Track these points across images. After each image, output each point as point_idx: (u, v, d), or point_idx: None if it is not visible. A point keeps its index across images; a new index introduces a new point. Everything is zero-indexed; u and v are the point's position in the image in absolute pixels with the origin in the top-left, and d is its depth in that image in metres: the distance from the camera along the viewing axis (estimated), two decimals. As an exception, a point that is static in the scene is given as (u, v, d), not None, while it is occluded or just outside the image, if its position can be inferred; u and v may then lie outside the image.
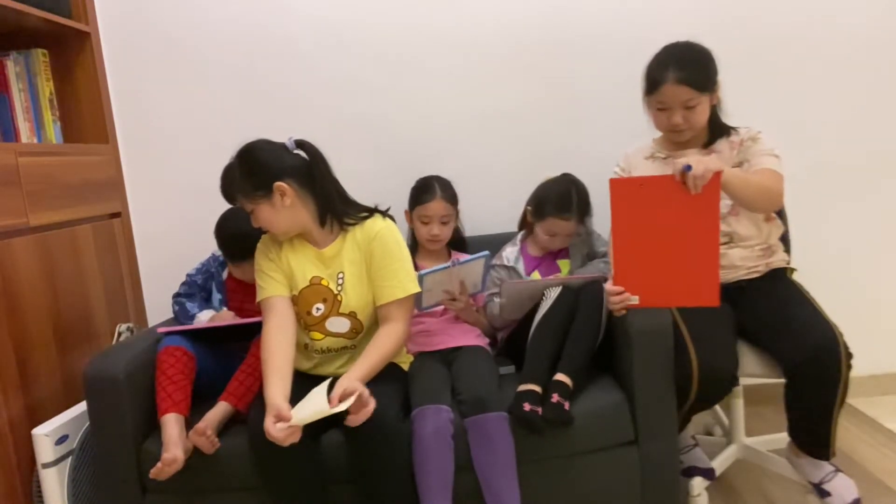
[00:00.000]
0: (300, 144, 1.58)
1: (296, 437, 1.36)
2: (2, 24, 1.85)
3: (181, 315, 1.83)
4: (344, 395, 1.37)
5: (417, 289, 1.62)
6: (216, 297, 1.88)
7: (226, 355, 1.76)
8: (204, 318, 1.79)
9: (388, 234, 1.60)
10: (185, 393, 1.58)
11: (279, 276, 1.60)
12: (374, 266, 1.59)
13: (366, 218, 1.63)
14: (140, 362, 1.64)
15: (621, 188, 1.52)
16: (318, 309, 1.60)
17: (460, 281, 1.82)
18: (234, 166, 1.56)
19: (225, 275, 1.90)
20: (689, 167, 1.44)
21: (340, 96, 2.25)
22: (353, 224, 1.62)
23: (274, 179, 1.51)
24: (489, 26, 2.23)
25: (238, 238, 1.76)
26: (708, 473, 1.74)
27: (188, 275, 1.91)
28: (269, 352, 1.50)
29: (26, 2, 1.80)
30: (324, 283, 1.60)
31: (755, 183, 1.59)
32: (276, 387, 1.43)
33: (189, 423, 1.55)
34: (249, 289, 1.80)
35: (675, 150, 1.78)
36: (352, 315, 1.60)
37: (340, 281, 1.60)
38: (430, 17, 2.23)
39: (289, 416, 1.36)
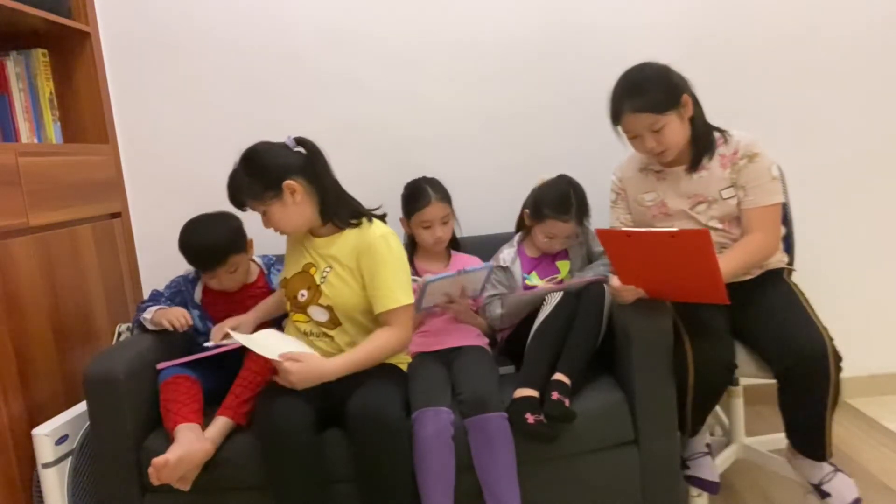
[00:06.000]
0: (300, 142, 1.62)
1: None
2: (2, 24, 1.84)
3: (138, 314, 1.79)
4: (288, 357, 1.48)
5: (410, 300, 1.62)
6: (194, 313, 1.84)
7: (225, 369, 1.73)
8: (148, 314, 1.75)
9: (383, 244, 1.60)
10: (191, 408, 1.57)
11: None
12: (367, 275, 1.61)
13: (358, 222, 1.65)
14: (140, 362, 1.64)
15: (609, 238, 1.53)
16: (302, 295, 1.66)
17: (461, 287, 1.82)
18: (239, 172, 1.58)
19: (198, 294, 1.87)
20: None
21: (340, 97, 2.25)
22: (352, 224, 1.64)
23: (283, 178, 1.55)
24: (488, 29, 2.23)
25: (207, 248, 1.73)
26: (712, 487, 1.68)
27: (154, 289, 1.88)
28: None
29: (26, 2, 1.79)
30: (311, 271, 1.65)
31: (742, 262, 1.63)
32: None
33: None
34: (228, 297, 1.83)
35: (667, 166, 1.76)
36: (329, 308, 1.63)
37: (325, 274, 1.63)
38: (429, 20, 2.22)
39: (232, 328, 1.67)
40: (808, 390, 1.49)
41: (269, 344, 1.54)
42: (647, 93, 1.60)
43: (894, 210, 2.35)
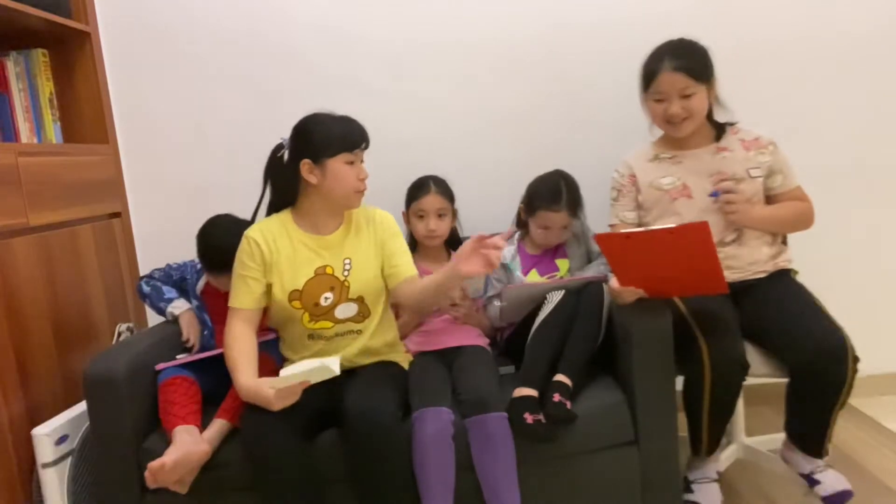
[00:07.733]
0: None
1: (295, 398, 1.41)
2: (2, 24, 1.84)
3: (154, 296, 1.84)
4: None
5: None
6: (193, 303, 1.87)
7: (224, 370, 1.73)
8: (176, 310, 1.81)
9: (390, 217, 1.73)
10: (189, 409, 1.57)
11: (257, 287, 1.60)
12: (388, 248, 1.67)
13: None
14: (140, 362, 1.64)
15: (608, 241, 1.54)
16: (326, 298, 1.62)
17: (462, 288, 1.82)
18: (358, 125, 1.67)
19: (200, 285, 1.89)
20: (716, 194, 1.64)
21: (340, 97, 2.24)
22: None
23: None
24: (487, 28, 2.23)
25: (220, 250, 1.73)
26: None
27: (168, 264, 1.93)
28: (238, 341, 1.55)
29: (26, 2, 1.79)
30: (328, 270, 1.63)
31: (794, 216, 1.75)
32: (249, 372, 1.50)
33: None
34: (226, 294, 1.81)
35: (681, 150, 1.77)
36: (359, 300, 1.64)
37: (348, 267, 1.63)
38: (428, 19, 2.22)
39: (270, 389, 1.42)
40: (823, 386, 1.50)
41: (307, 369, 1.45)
42: (689, 57, 1.68)
43: (894, 210, 2.35)
